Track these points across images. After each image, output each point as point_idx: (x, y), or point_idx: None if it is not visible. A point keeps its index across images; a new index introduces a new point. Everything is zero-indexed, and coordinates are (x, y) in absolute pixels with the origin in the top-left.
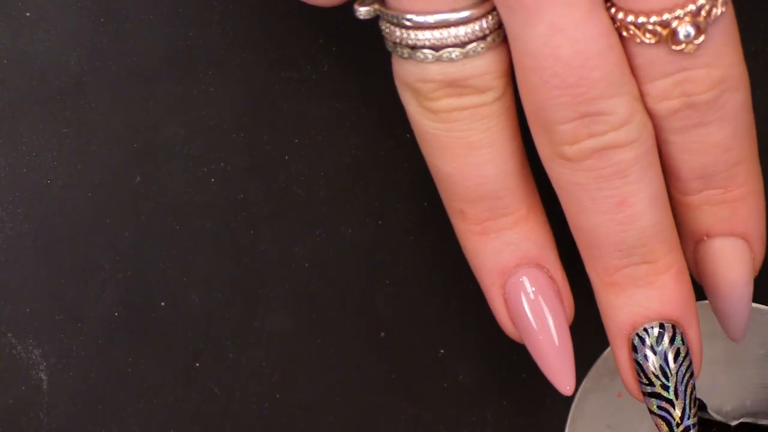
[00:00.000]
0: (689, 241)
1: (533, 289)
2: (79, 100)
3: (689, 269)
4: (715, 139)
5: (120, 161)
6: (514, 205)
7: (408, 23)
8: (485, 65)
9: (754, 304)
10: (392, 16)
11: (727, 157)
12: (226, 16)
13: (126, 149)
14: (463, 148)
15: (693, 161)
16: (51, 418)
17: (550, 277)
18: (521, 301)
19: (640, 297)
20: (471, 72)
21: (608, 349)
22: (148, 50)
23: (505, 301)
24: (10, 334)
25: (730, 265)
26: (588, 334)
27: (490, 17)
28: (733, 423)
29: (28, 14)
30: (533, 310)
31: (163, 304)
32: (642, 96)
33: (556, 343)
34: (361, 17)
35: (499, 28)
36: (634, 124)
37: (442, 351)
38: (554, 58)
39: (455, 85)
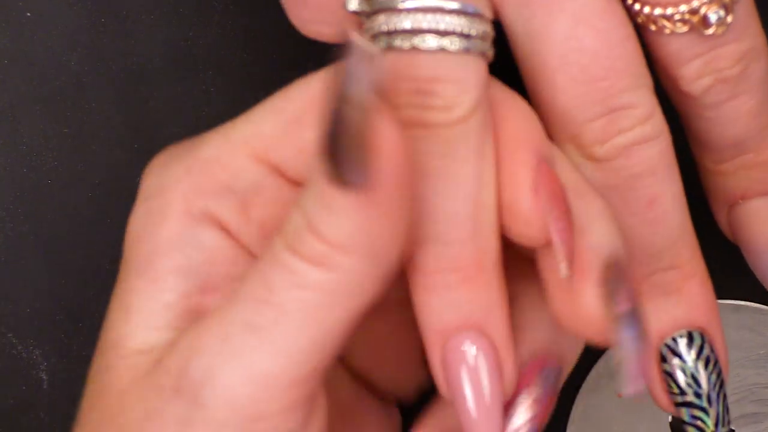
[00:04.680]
0: (723, 206)
1: (472, 354)
2: (80, 100)
3: (726, 234)
4: (746, 108)
5: (120, 161)
6: (465, 257)
7: (401, 6)
8: (461, 71)
9: (754, 305)
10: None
11: (757, 123)
12: (226, 16)
13: (126, 149)
14: (418, 173)
15: (727, 132)
16: (51, 418)
17: (493, 346)
18: (457, 367)
19: (668, 306)
20: (443, 73)
21: (608, 350)
22: (149, 50)
23: (443, 362)
24: (10, 334)
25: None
26: None
27: (479, 23)
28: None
29: (28, 14)
30: (468, 376)
31: None
32: (674, 80)
33: (486, 415)
34: (351, 9)
35: (483, 39)
36: (657, 118)
37: None
38: (580, 50)
39: (423, 92)
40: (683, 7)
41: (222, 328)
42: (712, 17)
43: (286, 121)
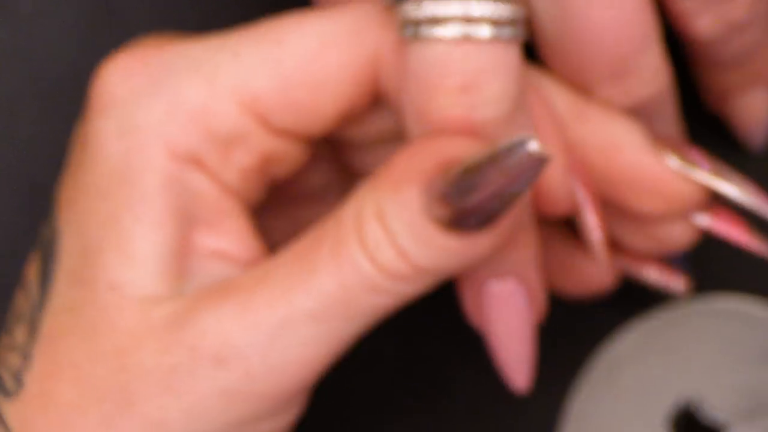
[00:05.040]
0: (717, 98)
1: (504, 297)
2: (77, 96)
3: (731, 123)
4: (753, 39)
5: None
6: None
7: None
8: (509, 61)
9: (750, 306)
10: None
11: (759, 44)
12: (224, 13)
13: None
14: None
15: (730, 56)
16: None
17: (525, 286)
18: (492, 306)
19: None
20: (494, 65)
21: (606, 349)
22: None
23: (477, 305)
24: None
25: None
26: (585, 330)
27: (519, 8)
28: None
29: (26, 10)
30: (503, 315)
31: None
32: (686, 30)
33: (519, 347)
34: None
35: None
36: (662, 73)
37: (441, 351)
38: (591, 21)
39: (473, 88)
40: None
41: (281, 310)
42: None
43: (280, 75)
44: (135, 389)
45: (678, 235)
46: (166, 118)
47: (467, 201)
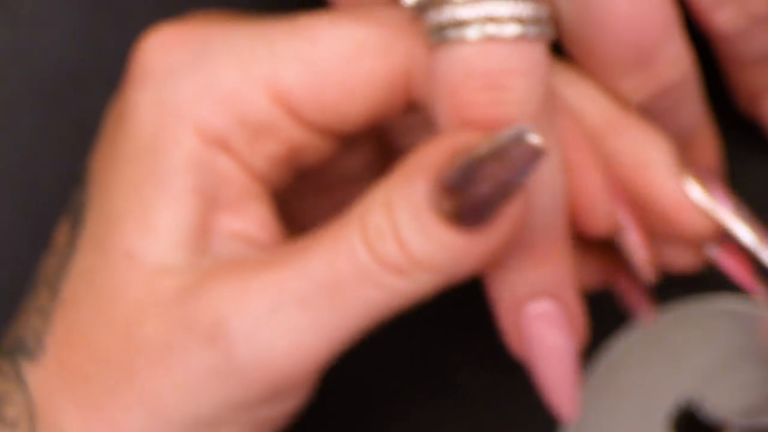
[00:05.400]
0: (747, 98)
1: (544, 319)
2: (78, 97)
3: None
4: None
5: None
6: (538, 240)
7: None
8: (534, 59)
9: (750, 306)
10: None
11: None
12: (226, 12)
13: None
14: None
15: (756, 54)
16: None
17: (564, 307)
18: (532, 331)
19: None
20: (518, 64)
21: (606, 349)
22: None
23: (517, 328)
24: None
25: None
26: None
27: (545, 6)
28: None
29: (26, 10)
30: (543, 339)
31: None
32: (707, 24)
33: (561, 373)
34: (409, 3)
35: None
36: (686, 57)
37: (441, 350)
38: (616, 15)
39: (497, 87)
40: None
41: (273, 294)
42: None
43: (313, 75)
44: (137, 361)
45: (683, 261)
46: (199, 98)
47: (469, 190)
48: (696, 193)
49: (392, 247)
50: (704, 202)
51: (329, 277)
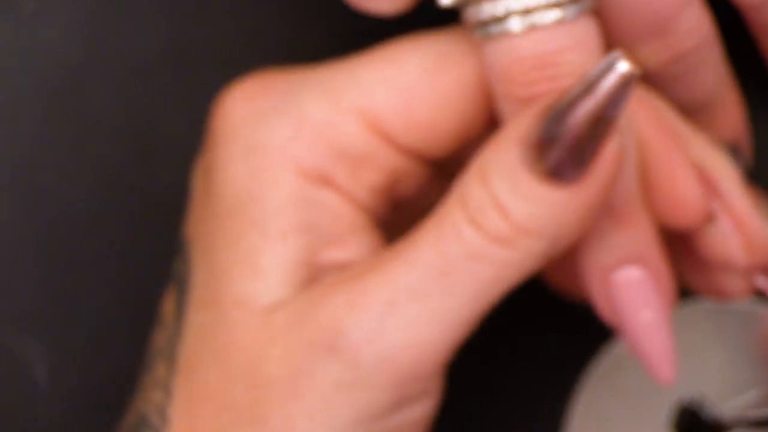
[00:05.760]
0: None
1: (635, 284)
2: (79, 97)
3: None
4: None
5: (120, 158)
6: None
7: None
8: (580, 33)
9: (750, 306)
10: None
11: None
12: (228, 12)
13: (126, 146)
14: None
15: None
16: (51, 417)
17: (651, 272)
18: (623, 297)
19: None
20: (566, 42)
21: (608, 345)
22: (149, 46)
23: (607, 296)
24: (9, 333)
25: None
26: (587, 330)
27: None
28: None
29: (28, 10)
30: (634, 304)
31: None
32: None
33: (655, 335)
34: (444, 4)
35: None
36: (704, 23)
37: None
38: None
39: (549, 65)
40: None
41: (386, 291)
42: None
43: (400, 93)
44: (265, 403)
45: (732, 288)
46: (294, 136)
47: (563, 136)
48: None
49: (495, 218)
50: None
51: (438, 262)
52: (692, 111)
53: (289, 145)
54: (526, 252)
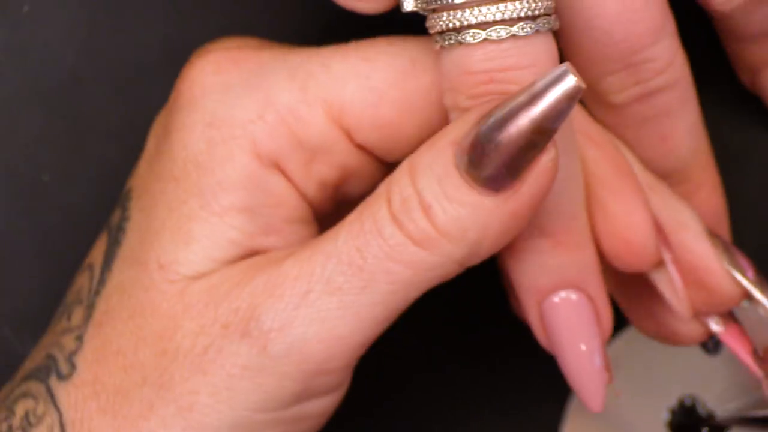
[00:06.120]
0: (748, 72)
1: (569, 309)
2: (76, 95)
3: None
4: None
5: (117, 156)
6: (554, 224)
7: (458, 1)
8: (533, 52)
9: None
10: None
11: None
12: (224, 10)
13: (123, 144)
14: None
15: (756, 29)
16: None
17: (588, 299)
18: (556, 322)
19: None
20: (517, 60)
21: (607, 348)
22: (146, 44)
23: (541, 319)
24: (7, 331)
25: None
26: None
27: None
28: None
29: (25, 9)
30: (567, 330)
31: None
32: (706, 3)
33: (587, 364)
34: (407, 10)
35: (548, 15)
36: (676, 65)
37: (439, 350)
38: (602, 16)
39: (497, 81)
40: None
41: (303, 281)
42: None
43: (370, 91)
44: (172, 372)
45: (687, 333)
46: (257, 117)
47: (499, 141)
48: (724, 261)
49: (417, 217)
50: (732, 270)
51: (355, 257)
52: (665, 176)
53: (250, 125)
54: (444, 257)
